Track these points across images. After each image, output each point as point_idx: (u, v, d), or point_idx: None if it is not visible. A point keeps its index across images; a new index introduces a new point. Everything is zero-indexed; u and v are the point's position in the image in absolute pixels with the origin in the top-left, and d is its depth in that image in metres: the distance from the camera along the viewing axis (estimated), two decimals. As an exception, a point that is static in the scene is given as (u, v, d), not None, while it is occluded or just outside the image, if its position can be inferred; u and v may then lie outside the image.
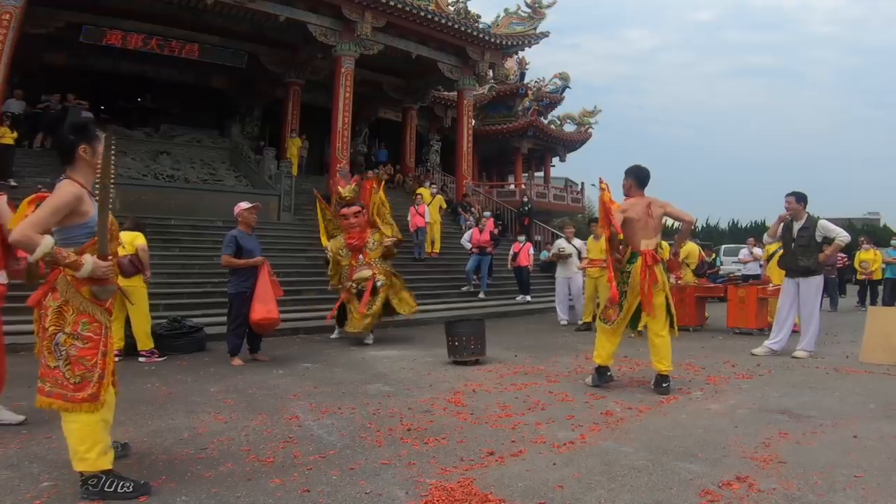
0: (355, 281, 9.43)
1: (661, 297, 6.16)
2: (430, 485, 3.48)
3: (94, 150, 3.47)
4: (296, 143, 21.32)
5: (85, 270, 3.27)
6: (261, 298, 7.60)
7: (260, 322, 7.61)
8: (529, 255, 15.72)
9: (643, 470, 3.75)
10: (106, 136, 3.51)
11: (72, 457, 3.32)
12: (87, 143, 3.46)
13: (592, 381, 6.37)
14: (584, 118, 31.51)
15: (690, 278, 12.37)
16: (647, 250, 6.07)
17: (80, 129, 3.51)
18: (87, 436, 3.29)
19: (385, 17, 18.21)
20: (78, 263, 3.25)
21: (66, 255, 3.22)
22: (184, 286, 11.58)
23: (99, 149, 3.47)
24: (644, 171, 6.38)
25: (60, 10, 16.20)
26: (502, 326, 11.82)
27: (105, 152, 3.41)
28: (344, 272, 9.68)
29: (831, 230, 8.09)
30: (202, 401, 5.67)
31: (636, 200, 6.28)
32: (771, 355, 8.20)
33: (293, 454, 4.06)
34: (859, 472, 3.68)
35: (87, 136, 3.48)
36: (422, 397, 5.84)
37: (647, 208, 6.19)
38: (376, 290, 9.40)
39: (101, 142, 3.49)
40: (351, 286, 9.48)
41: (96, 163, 3.46)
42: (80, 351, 3.31)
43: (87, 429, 3.30)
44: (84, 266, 3.26)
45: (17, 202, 4.33)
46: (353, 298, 9.46)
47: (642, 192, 6.36)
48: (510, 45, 21.72)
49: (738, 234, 22.43)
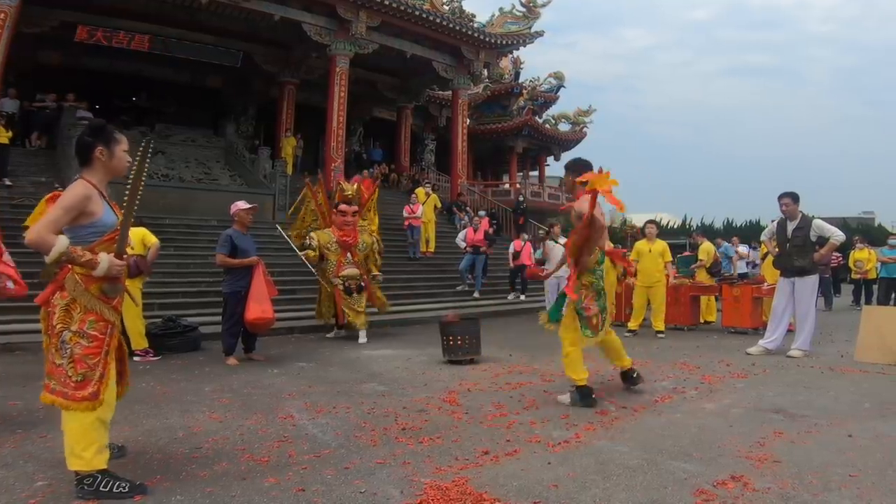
0: (342, 278, 9.62)
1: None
2: (425, 484, 3.48)
3: (112, 153, 3.50)
4: (290, 143, 21.28)
5: (101, 269, 3.29)
6: (256, 298, 7.59)
7: (255, 322, 7.61)
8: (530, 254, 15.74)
9: (638, 469, 3.75)
10: (146, 140, 3.57)
11: (67, 455, 3.31)
12: (105, 146, 3.48)
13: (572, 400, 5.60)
14: (579, 117, 31.56)
15: (705, 277, 12.41)
16: (610, 249, 5.98)
17: (99, 130, 3.53)
18: (84, 434, 3.29)
19: (380, 17, 18.20)
20: (94, 262, 3.27)
21: (81, 253, 3.24)
22: (178, 285, 11.56)
23: (116, 151, 3.51)
24: (589, 165, 5.68)
25: (55, 9, 16.14)
26: (497, 326, 11.81)
27: (141, 156, 3.47)
28: (330, 267, 9.77)
29: (826, 230, 8.11)
30: (197, 400, 5.66)
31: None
32: (766, 354, 8.21)
33: (288, 453, 4.06)
34: (854, 472, 3.69)
35: (104, 138, 3.50)
36: (417, 396, 5.84)
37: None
38: (361, 289, 9.74)
39: (119, 144, 3.53)
40: (337, 283, 9.65)
41: (113, 165, 3.51)
42: (84, 349, 3.31)
43: (85, 427, 3.29)
44: (100, 265, 3.28)
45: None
46: (342, 294, 9.64)
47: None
48: (505, 44, 21.73)
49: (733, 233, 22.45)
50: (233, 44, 19.61)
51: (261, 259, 7.89)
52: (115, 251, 3.38)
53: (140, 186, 3.45)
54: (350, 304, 9.57)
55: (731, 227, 36.02)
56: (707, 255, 12.72)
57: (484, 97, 28.84)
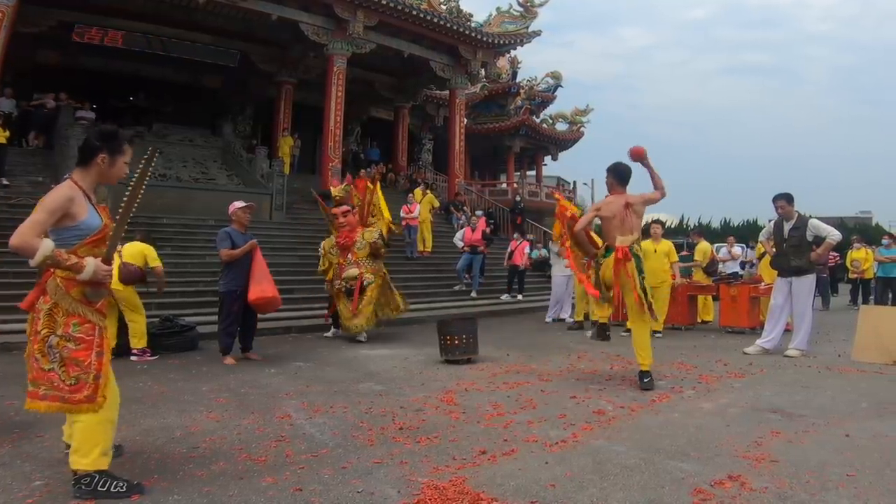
0: (343, 279, 9.51)
1: (630, 298, 6.19)
2: (423, 483, 3.48)
3: (113, 162, 3.48)
4: (288, 142, 21.26)
5: (87, 273, 3.25)
6: (255, 279, 7.60)
7: (256, 302, 7.61)
8: (524, 253, 15.75)
9: (635, 469, 3.75)
10: (151, 149, 3.58)
11: (72, 453, 3.31)
12: (109, 154, 3.46)
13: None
14: (577, 117, 31.58)
15: (701, 277, 12.42)
16: (620, 246, 6.09)
17: (109, 137, 3.50)
18: (91, 435, 3.29)
19: (377, 16, 18.21)
20: (80, 266, 3.23)
21: (66, 257, 3.20)
22: (176, 285, 11.53)
23: (118, 161, 3.50)
24: (622, 168, 6.37)
25: (52, 8, 16.12)
26: (494, 325, 11.82)
27: (145, 164, 3.48)
28: (335, 270, 9.71)
29: (822, 229, 8.12)
30: (194, 400, 5.65)
31: (613, 198, 6.39)
32: (763, 354, 8.22)
33: (285, 453, 4.06)
34: (851, 471, 3.69)
35: (112, 147, 3.47)
36: (414, 396, 5.84)
37: (626, 205, 6.26)
38: (364, 290, 9.46)
39: (123, 156, 3.52)
40: (340, 285, 9.56)
41: (110, 173, 3.50)
42: (72, 352, 3.29)
43: (91, 428, 3.29)
44: (86, 269, 3.25)
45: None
46: (342, 297, 9.56)
47: (623, 190, 6.40)
48: (502, 43, 21.75)
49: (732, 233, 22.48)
50: (230, 43, 19.63)
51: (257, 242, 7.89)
52: (104, 256, 3.35)
53: (138, 195, 3.44)
54: (346, 307, 9.48)
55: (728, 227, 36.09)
56: (703, 255, 12.73)
57: (481, 97, 28.82)
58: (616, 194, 6.39)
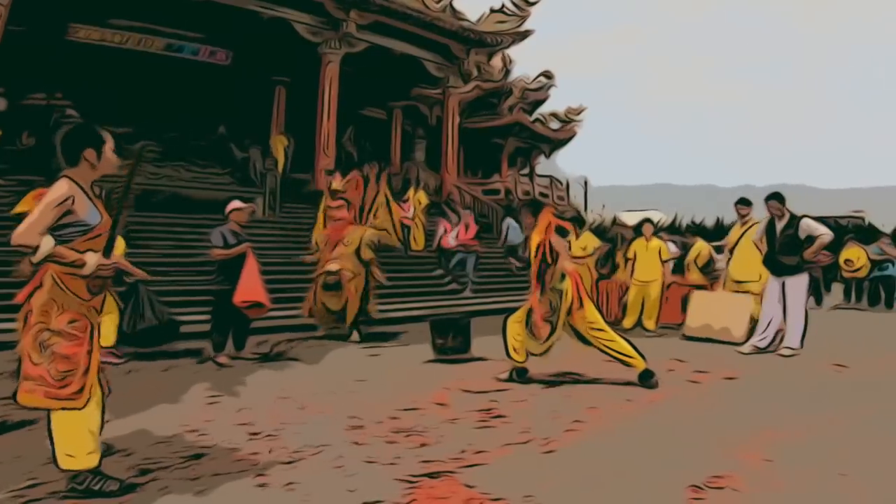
0: (324, 272, 9.49)
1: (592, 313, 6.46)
2: (415, 483, 3.48)
3: (100, 154, 3.49)
4: (281, 142, 21.18)
5: (89, 268, 3.29)
6: (243, 282, 7.56)
7: (242, 307, 7.57)
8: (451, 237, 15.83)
9: (628, 467, 3.76)
10: (142, 145, 3.59)
11: (57, 454, 3.30)
12: (94, 147, 3.47)
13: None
14: (570, 116, 31.55)
15: (698, 277, 12.40)
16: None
17: (84, 132, 3.54)
18: (74, 434, 3.29)
19: (370, 16, 18.20)
20: (81, 262, 3.27)
21: (68, 253, 3.24)
22: (168, 283, 11.49)
23: (105, 151, 3.51)
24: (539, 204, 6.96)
25: (46, 7, 16.05)
26: (487, 324, 11.78)
27: (136, 160, 3.53)
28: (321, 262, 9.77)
29: (814, 228, 8.14)
30: (187, 398, 5.65)
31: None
32: (757, 353, 8.24)
33: (277, 452, 4.05)
34: (846, 470, 3.70)
35: (92, 140, 3.49)
36: (407, 395, 5.83)
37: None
38: (340, 286, 9.45)
39: (106, 144, 3.53)
40: (319, 277, 9.57)
41: (101, 166, 3.51)
42: (63, 348, 3.29)
43: (74, 427, 3.29)
44: (88, 264, 3.28)
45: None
46: (319, 289, 9.53)
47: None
48: (495, 43, 21.75)
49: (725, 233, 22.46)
50: (223, 43, 19.55)
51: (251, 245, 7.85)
52: (104, 251, 3.37)
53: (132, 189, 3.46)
54: (321, 298, 9.47)
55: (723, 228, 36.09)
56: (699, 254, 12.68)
57: (474, 96, 28.75)
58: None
